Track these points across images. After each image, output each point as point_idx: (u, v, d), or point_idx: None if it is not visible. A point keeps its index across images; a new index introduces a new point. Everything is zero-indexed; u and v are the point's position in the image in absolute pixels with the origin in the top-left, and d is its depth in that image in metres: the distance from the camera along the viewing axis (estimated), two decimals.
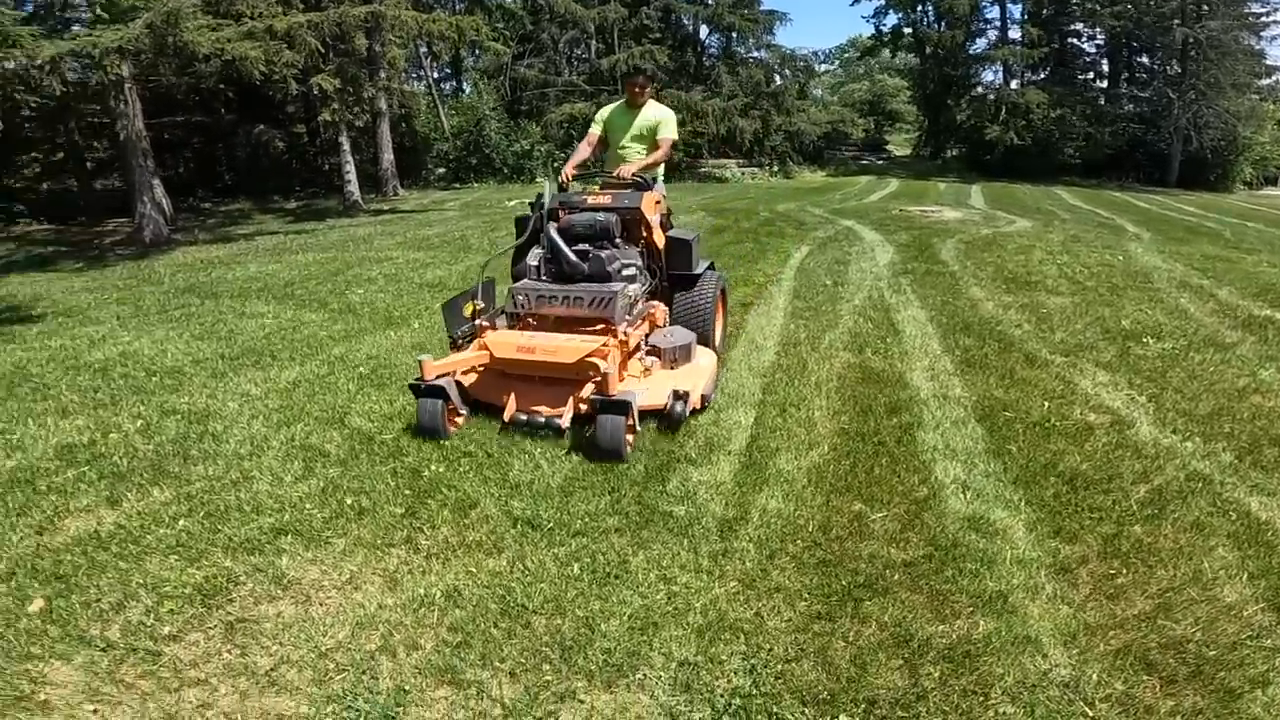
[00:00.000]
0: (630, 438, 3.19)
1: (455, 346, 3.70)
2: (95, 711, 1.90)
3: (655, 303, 4.14)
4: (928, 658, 2.03)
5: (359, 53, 14.53)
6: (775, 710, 1.85)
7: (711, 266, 4.54)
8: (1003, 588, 2.32)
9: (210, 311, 6.26)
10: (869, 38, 39.66)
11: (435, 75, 25.52)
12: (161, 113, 15.48)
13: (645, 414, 3.37)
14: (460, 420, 3.50)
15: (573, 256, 3.71)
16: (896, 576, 2.38)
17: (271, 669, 2.00)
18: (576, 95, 25.71)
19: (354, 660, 2.03)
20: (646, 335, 3.87)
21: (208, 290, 7.28)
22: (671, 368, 3.76)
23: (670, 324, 4.12)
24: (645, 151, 4.58)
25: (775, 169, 28.19)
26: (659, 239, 4.19)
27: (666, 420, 3.34)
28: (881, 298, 6.17)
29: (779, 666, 1.99)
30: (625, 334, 3.47)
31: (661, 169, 4.70)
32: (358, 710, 1.85)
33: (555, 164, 23.18)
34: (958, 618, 2.19)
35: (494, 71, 26.08)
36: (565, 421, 3.30)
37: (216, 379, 4.39)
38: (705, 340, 4.14)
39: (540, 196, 4.03)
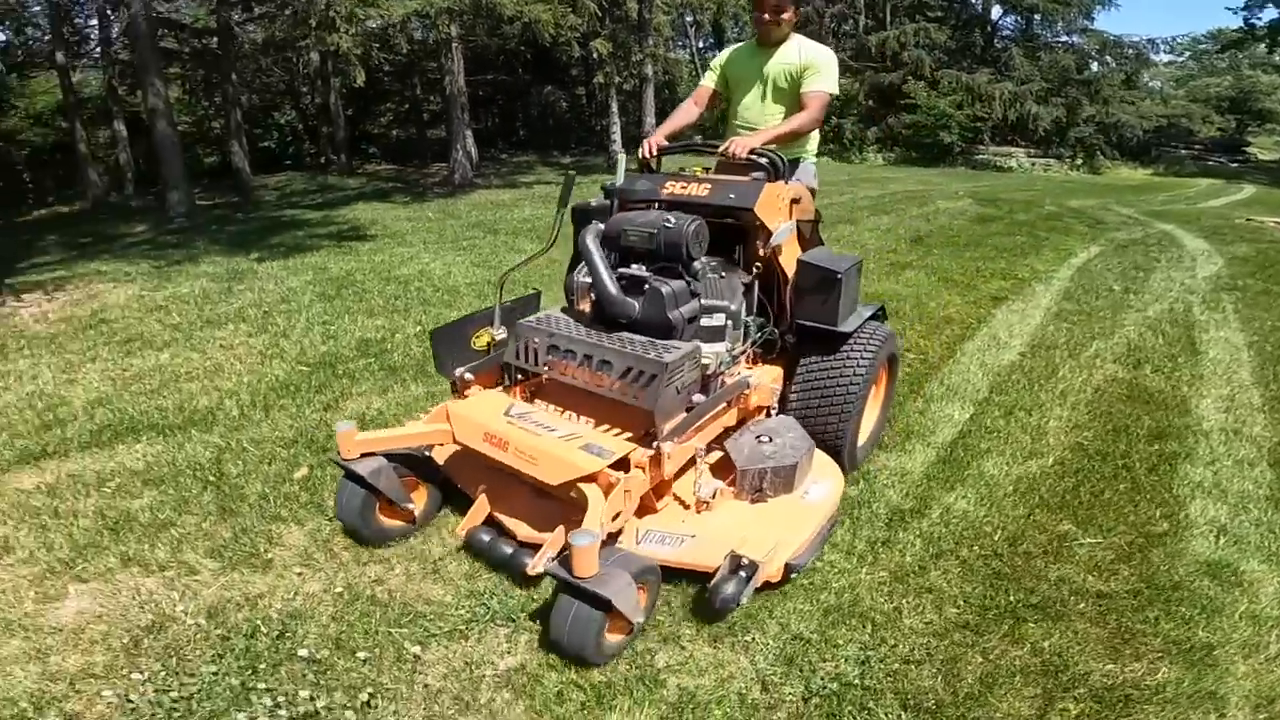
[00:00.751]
0: (620, 634, 1.87)
1: (456, 392, 2.43)
2: (300, 575, 2.17)
3: (757, 370, 2.59)
4: (1072, 693, 1.78)
5: (630, 19, 15.46)
6: (870, 706, 1.75)
7: (880, 314, 2.89)
8: (1214, 640, 1.96)
9: (489, 244, 7.38)
10: (1235, 30, 32.03)
11: (699, 45, 25.58)
12: (476, 72, 17.84)
13: (677, 572, 2.07)
14: (414, 509, 2.34)
15: (612, 287, 2.26)
16: (1081, 606, 2.09)
17: (439, 559, 2.27)
18: (841, 73, 24.09)
19: None
20: (725, 431, 2.39)
21: (490, 227, 8.49)
22: (753, 501, 2.25)
23: (777, 412, 2.61)
24: (783, 113, 2.87)
25: (1079, 162, 24.18)
26: (787, 263, 2.56)
27: (709, 596, 1.91)
28: (1187, 312, 5.12)
29: (895, 665, 1.87)
30: (662, 449, 2.01)
31: (813, 143, 2.97)
32: (488, 608, 2.04)
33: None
34: (1137, 660, 1.89)
35: None
36: (537, 565, 1.96)
37: (480, 300, 5.19)
38: (835, 449, 2.52)
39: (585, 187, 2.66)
